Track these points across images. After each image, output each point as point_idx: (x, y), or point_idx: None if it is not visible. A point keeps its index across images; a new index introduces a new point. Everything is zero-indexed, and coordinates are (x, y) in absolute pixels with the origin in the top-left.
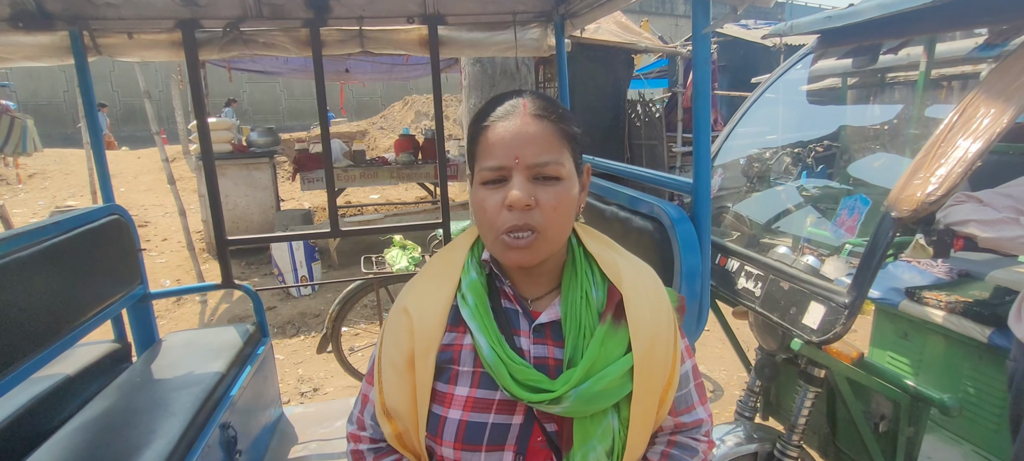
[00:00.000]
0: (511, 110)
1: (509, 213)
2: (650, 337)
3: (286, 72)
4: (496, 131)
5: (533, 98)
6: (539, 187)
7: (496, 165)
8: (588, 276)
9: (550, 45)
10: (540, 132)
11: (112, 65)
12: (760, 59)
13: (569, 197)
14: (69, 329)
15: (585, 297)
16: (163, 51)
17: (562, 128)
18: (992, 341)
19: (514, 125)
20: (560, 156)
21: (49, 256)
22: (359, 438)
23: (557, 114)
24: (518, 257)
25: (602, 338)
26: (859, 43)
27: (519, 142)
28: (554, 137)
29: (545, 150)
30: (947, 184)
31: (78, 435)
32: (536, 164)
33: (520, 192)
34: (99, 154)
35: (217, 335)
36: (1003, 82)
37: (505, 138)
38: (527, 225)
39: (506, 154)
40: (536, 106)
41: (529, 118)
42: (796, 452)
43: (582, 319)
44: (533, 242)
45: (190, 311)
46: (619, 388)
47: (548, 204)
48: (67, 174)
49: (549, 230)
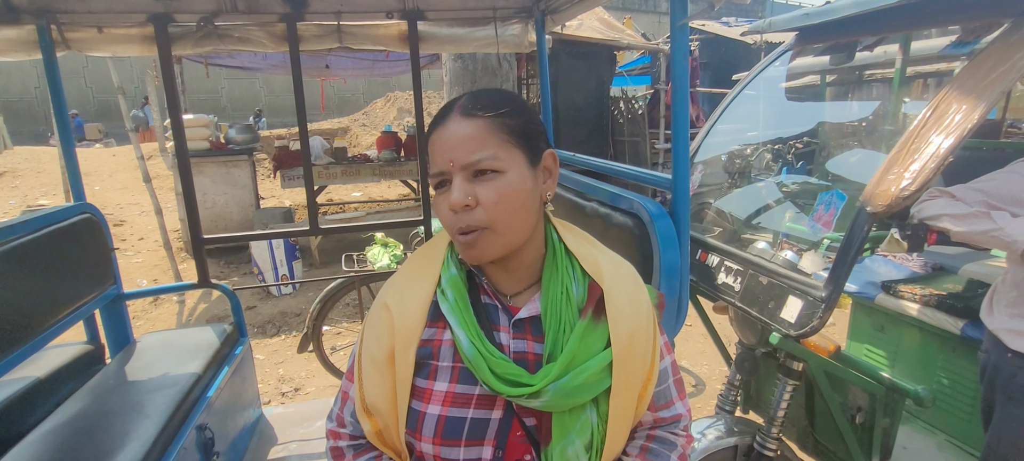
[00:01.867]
0: (445, 115)
1: (455, 215)
2: (629, 333)
3: (265, 68)
4: (434, 139)
5: (469, 98)
6: (479, 184)
7: (437, 172)
8: (568, 272)
9: (531, 41)
10: (471, 130)
11: (86, 61)
12: (741, 56)
13: (513, 189)
14: (39, 330)
15: (565, 292)
16: (135, 46)
17: (499, 122)
18: (965, 333)
19: (447, 129)
20: (496, 150)
21: (18, 255)
22: (339, 435)
23: (491, 108)
24: (471, 254)
25: (582, 333)
26: (836, 40)
27: (451, 145)
28: (489, 132)
29: (477, 147)
30: (920, 179)
31: (49, 439)
32: (470, 163)
33: (458, 194)
34: (69, 152)
35: (193, 335)
36: (974, 79)
37: (440, 143)
38: (469, 225)
39: (442, 159)
40: (468, 105)
41: (459, 119)
42: (775, 444)
43: (562, 314)
44: (481, 238)
45: (168, 311)
46: (598, 383)
47: (488, 199)
48: (39, 172)
49: (497, 224)
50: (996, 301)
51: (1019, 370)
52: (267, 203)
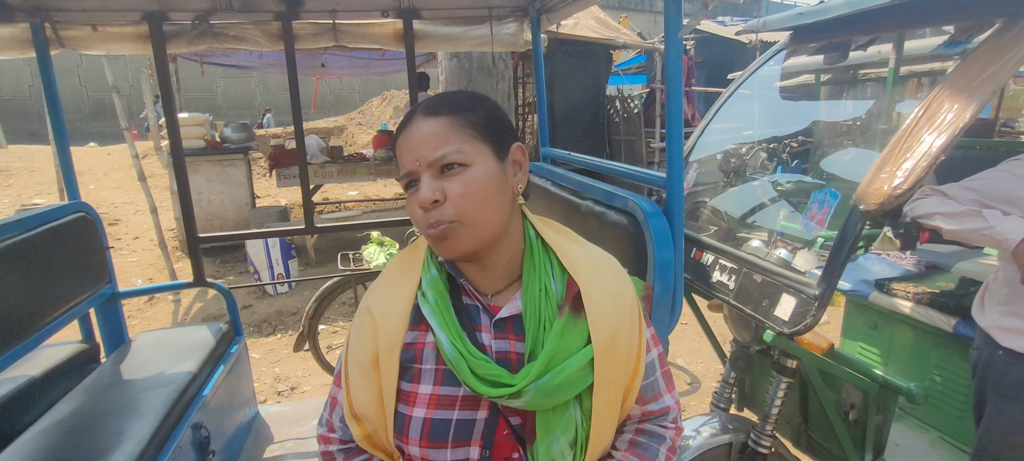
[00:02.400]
0: (409, 118)
1: (425, 213)
2: (610, 328)
3: (261, 67)
4: (400, 142)
5: (430, 99)
6: (446, 180)
7: (405, 172)
8: (547, 269)
9: (527, 40)
10: (434, 128)
11: (80, 59)
12: (736, 55)
13: (480, 181)
14: (34, 329)
15: (544, 290)
16: (130, 44)
17: (461, 118)
18: (957, 331)
19: (411, 130)
20: (461, 144)
21: (12, 254)
22: (329, 440)
23: (451, 106)
24: (443, 248)
25: (560, 331)
26: (830, 39)
27: (416, 144)
28: (452, 128)
29: (441, 143)
30: (913, 178)
31: (44, 438)
32: (435, 159)
33: (425, 191)
34: (64, 151)
35: (189, 334)
36: (966, 78)
37: (405, 145)
38: (439, 219)
39: (409, 159)
40: (430, 106)
41: (421, 119)
42: (769, 442)
43: (542, 312)
44: (452, 231)
45: (163, 311)
46: (579, 380)
47: (455, 193)
48: (33, 171)
49: (465, 216)
50: (988, 299)
51: (1010, 367)
52: (263, 202)
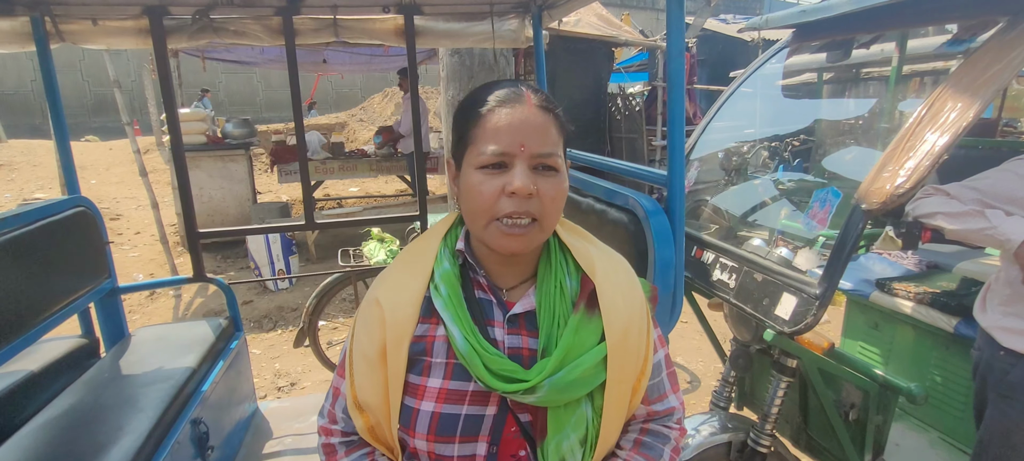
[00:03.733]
0: (515, 97)
1: (509, 199)
2: (623, 326)
3: (262, 62)
4: (500, 116)
5: (536, 90)
6: (539, 177)
7: (499, 150)
8: (562, 266)
9: (528, 37)
10: (544, 123)
11: (82, 54)
12: (739, 53)
13: (563, 190)
14: (33, 324)
15: (559, 287)
16: (130, 38)
17: (561, 123)
18: (958, 331)
19: (520, 113)
20: (558, 149)
21: (12, 248)
22: (331, 431)
23: (558, 109)
24: (514, 244)
25: (575, 327)
26: (832, 38)
27: (526, 130)
28: (555, 130)
29: (550, 142)
30: (915, 177)
31: (43, 432)
32: (540, 154)
33: (524, 180)
34: (64, 145)
35: (188, 329)
36: (969, 78)
37: (512, 124)
38: (527, 212)
39: (511, 141)
40: (540, 98)
41: (535, 108)
42: (769, 441)
43: (556, 309)
44: (530, 229)
45: (164, 306)
46: (593, 377)
47: (548, 194)
48: (35, 166)
49: (545, 219)
50: (989, 299)
51: (1011, 367)
52: (264, 198)
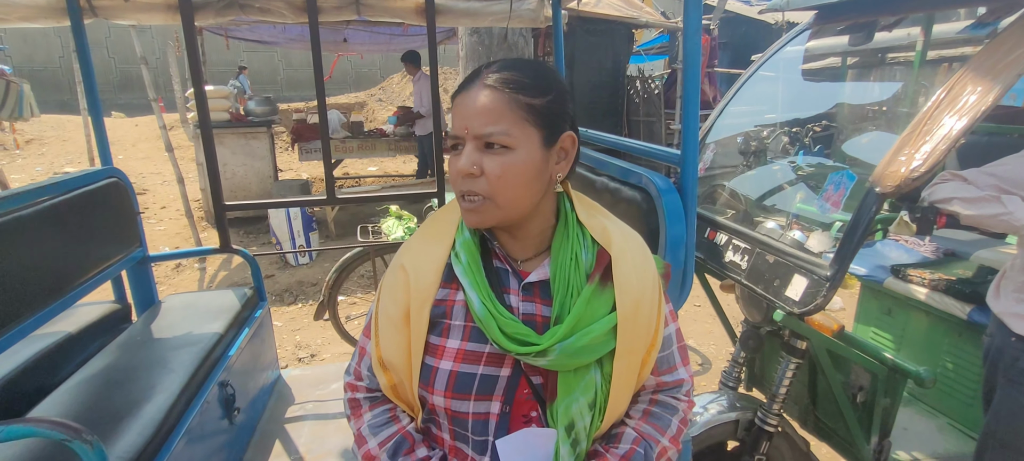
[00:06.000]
0: (471, 80)
1: (461, 179)
2: (635, 298)
3: (284, 42)
4: (457, 102)
5: (498, 67)
6: (486, 156)
7: (453, 134)
8: (579, 239)
9: (547, 16)
10: (490, 103)
11: (108, 30)
12: (761, 36)
13: (518, 166)
14: (70, 288)
15: (574, 258)
16: (159, 14)
17: (519, 99)
18: (971, 318)
19: (469, 96)
20: (509, 126)
21: (49, 216)
22: (356, 387)
23: (515, 85)
24: (470, 219)
25: (588, 297)
26: (855, 20)
27: (470, 113)
28: (507, 107)
29: (493, 121)
30: (931, 161)
31: (80, 389)
32: (482, 134)
33: (465, 161)
34: (97, 119)
35: (215, 298)
36: (991, 61)
37: (460, 108)
38: (472, 191)
39: (459, 124)
40: (495, 77)
41: (482, 89)
42: (776, 421)
43: (570, 279)
44: (481, 206)
45: (189, 278)
46: (602, 344)
47: (493, 172)
48: (65, 141)
49: (497, 196)
50: (1004, 286)
51: (1022, 354)
52: (284, 176)
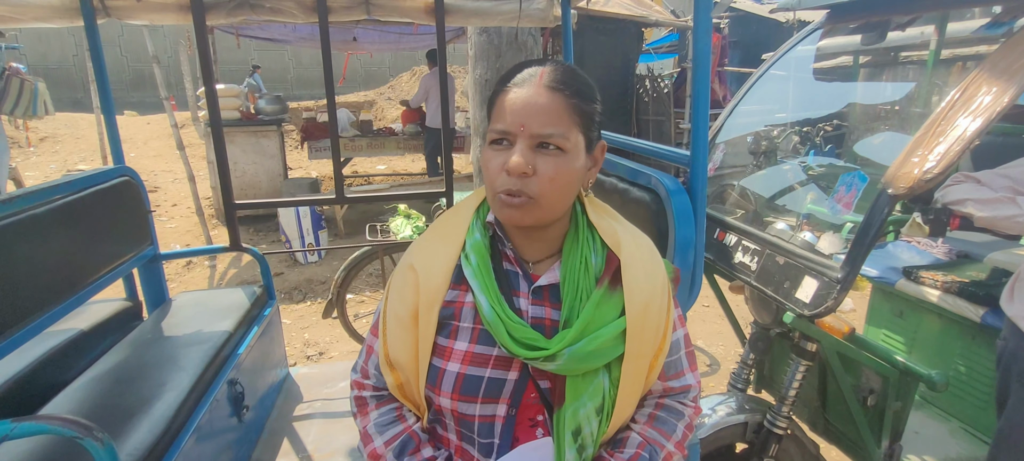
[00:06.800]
0: (528, 78)
1: (507, 177)
2: (644, 302)
3: (294, 40)
4: (509, 96)
5: (553, 69)
6: (540, 156)
7: (502, 129)
8: (589, 243)
9: (556, 16)
10: (549, 104)
11: (121, 30)
12: (772, 35)
13: (569, 170)
14: (82, 286)
15: (584, 262)
16: (171, 14)
17: (574, 103)
18: (985, 321)
19: (526, 93)
20: (566, 130)
21: (62, 214)
22: (363, 385)
23: (573, 89)
24: (511, 215)
25: (598, 301)
26: (868, 19)
27: (528, 111)
28: (564, 111)
29: (551, 122)
30: (944, 162)
31: (92, 386)
32: (539, 134)
33: (520, 159)
34: (110, 117)
35: (225, 296)
36: (1007, 61)
37: (515, 105)
38: (521, 191)
39: (513, 120)
40: (552, 78)
41: (541, 89)
42: (785, 423)
43: (580, 283)
44: (526, 205)
45: (200, 275)
46: (611, 349)
47: (545, 174)
48: (78, 138)
49: (544, 198)
50: (1018, 288)
51: None
52: (294, 174)
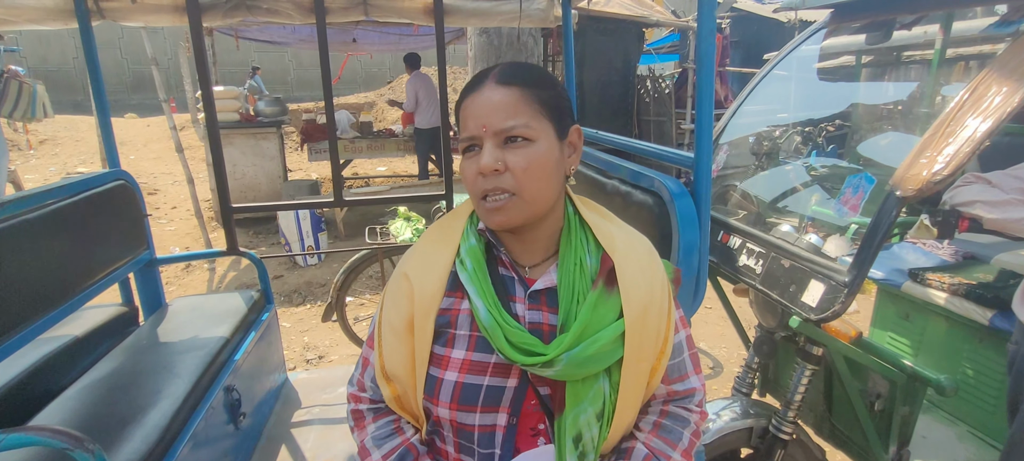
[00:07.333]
0: (478, 81)
1: (483, 179)
2: (642, 304)
3: (294, 42)
4: (467, 104)
5: (504, 66)
6: (509, 151)
7: (469, 136)
8: (583, 243)
9: (557, 16)
10: (505, 98)
11: (120, 31)
12: (773, 34)
13: (541, 158)
14: (76, 291)
15: (579, 264)
16: (167, 16)
17: (532, 92)
18: (993, 324)
19: (480, 96)
20: (528, 120)
21: (56, 219)
22: (359, 399)
23: (524, 79)
24: (497, 218)
25: (594, 303)
26: (872, 18)
27: (485, 111)
28: (522, 101)
29: (510, 115)
30: (954, 163)
31: (86, 394)
32: (502, 129)
33: (488, 158)
34: (105, 120)
35: (222, 301)
36: (1016, 61)
37: (475, 109)
38: (498, 188)
39: (475, 124)
40: (502, 74)
41: (495, 87)
42: (791, 428)
43: (576, 285)
44: (508, 203)
45: (198, 278)
46: (610, 353)
47: (518, 166)
48: (77, 141)
49: (524, 190)
50: None
51: None
52: (294, 176)
